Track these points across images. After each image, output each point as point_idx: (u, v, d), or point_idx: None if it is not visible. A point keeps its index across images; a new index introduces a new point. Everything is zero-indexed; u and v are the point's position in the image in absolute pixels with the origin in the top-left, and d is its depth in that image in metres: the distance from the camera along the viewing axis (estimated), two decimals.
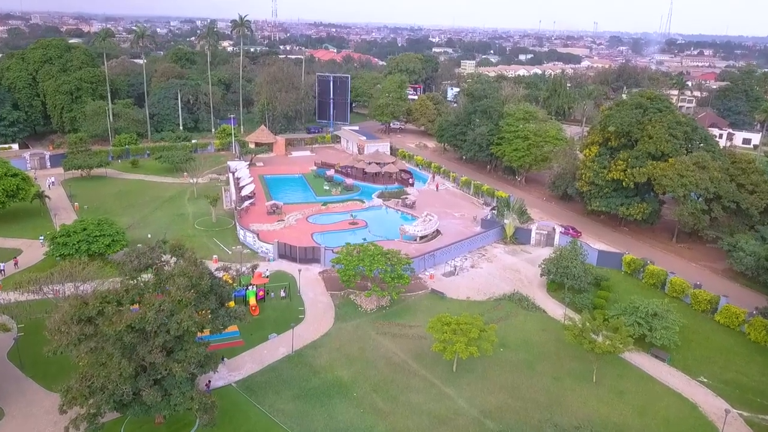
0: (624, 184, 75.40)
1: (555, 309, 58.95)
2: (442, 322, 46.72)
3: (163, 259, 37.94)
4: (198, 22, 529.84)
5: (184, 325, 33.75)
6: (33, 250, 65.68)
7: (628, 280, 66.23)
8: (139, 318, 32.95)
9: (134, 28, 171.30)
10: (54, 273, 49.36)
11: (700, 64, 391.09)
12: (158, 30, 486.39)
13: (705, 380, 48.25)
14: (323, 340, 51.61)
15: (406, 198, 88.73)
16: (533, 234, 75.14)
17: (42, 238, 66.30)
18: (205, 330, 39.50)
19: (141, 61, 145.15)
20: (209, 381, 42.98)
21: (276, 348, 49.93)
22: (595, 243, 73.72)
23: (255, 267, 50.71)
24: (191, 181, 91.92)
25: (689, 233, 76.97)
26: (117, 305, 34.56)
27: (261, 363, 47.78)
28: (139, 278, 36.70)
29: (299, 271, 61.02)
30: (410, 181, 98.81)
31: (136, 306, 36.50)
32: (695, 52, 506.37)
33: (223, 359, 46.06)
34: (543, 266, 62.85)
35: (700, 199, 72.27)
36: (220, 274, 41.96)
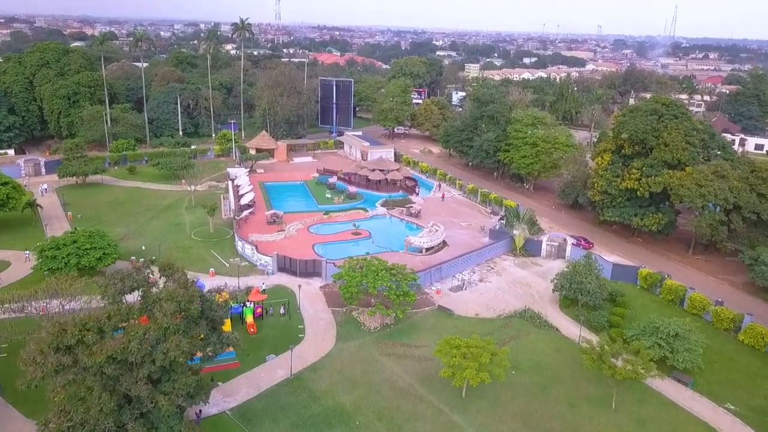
0: (638, 193, 72.35)
1: (568, 327, 55.87)
2: (450, 345, 43.68)
3: (150, 281, 34.99)
4: (202, 26, 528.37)
5: (171, 355, 30.87)
6: (22, 263, 62.79)
7: (645, 296, 63.09)
8: (121, 348, 30.06)
9: (134, 31, 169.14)
10: (38, 290, 46.45)
11: (705, 67, 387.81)
12: (162, 33, 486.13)
13: (732, 407, 45.13)
14: (324, 362, 48.61)
15: (411, 207, 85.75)
16: (544, 246, 72.05)
17: (28, 253, 63.43)
18: (198, 351, 36.64)
19: (142, 65, 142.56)
20: (200, 410, 39.98)
21: (274, 370, 46.95)
22: (609, 255, 70.67)
23: (249, 290, 47.80)
24: (189, 188, 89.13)
25: (706, 245, 73.84)
26: (98, 333, 31.63)
27: (258, 387, 44.82)
28: (123, 302, 33.73)
29: (299, 286, 58.06)
30: (416, 189, 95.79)
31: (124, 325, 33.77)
32: (700, 56, 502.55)
33: (213, 380, 43.05)
34: (555, 281, 59.81)
35: (718, 209, 69.13)
36: (214, 293, 38.77)
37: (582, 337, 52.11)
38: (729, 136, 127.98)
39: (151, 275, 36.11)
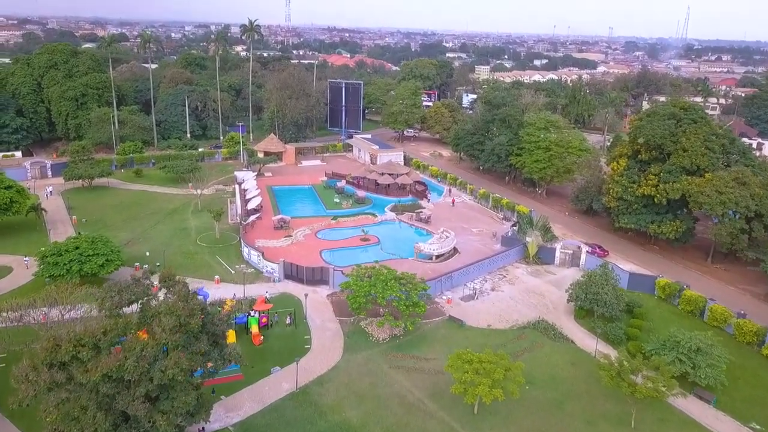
0: (655, 200, 70.18)
1: (584, 339, 53.92)
2: (462, 360, 41.89)
3: (149, 293, 33.52)
4: (212, 27, 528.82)
5: (169, 373, 29.34)
6: (23, 269, 61.64)
7: (663, 306, 60.97)
8: (116, 366, 28.57)
9: (141, 32, 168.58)
10: (36, 299, 45.15)
11: (718, 69, 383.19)
12: (173, 35, 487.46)
13: (758, 427, 43.09)
14: (331, 375, 46.98)
15: (421, 212, 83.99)
16: (557, 253, 70.08)
17: (26, 260, 62.27)
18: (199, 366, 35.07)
19: (150, 66, 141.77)
20: (203, 427, 38.42)
21: (279, 384, 45.35)
22: (624, 263, 68.66)
23: (252, 303, 46.44)
24: (196, 192, 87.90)
25: (726, 253, 71.54)
26: (94, 348, 30.15)
27: (262, 402, 43.23)
28: (120, 316, 32.24)
29: (306, 295, 56.38)
30: (426, 193, 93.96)
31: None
32: (713, 58, 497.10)
33: (214, 392, 41.62)
34: (570, 291, 57.85)
35: (738, 216, 66.86)
36: (216, 306, 37.32)
37: (598, 351, 50.14)
38: (746, 140, 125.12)
39: (154, 284, 34.70)
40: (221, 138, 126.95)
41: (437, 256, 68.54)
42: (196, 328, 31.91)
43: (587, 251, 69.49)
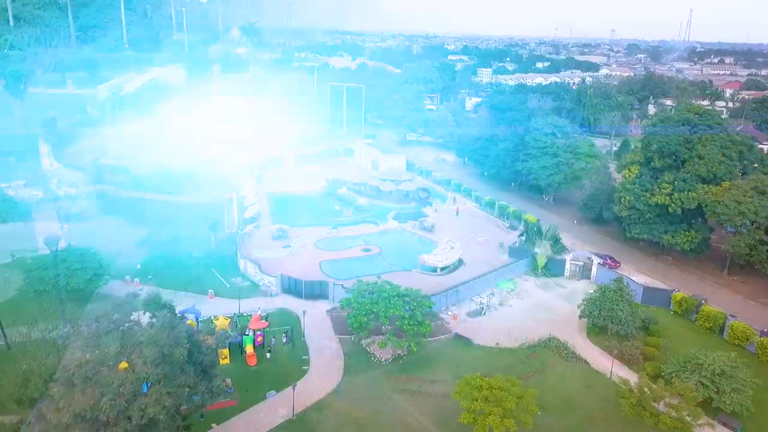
0: (670, 209, 67.27)
1: (598, 358, 50.99)
2: (471, 386, 38.92)
3: (131, 319, 30.68)
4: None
5: (150, 412, 26.46)
6: (6, 284, 58.64)
7: (679, 322, 58.06)
8: (90, 405, 25.69)
9: None
10: (16, 321, 42.30)
11: (721, 72, 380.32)
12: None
13: None
14: (330, 399, 44.10)
15: (424, 220, 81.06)
16: (567, 265, 67.15)
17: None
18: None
19: None
20: None
21: (274, 409, 42.47)
22: (636, 275, 65.81)
23: (244, 330, 43.81)
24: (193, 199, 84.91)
25: (743, 265, 68.49)
26: (66, 384, 27.27)
27: (256, 430, 40.34)
28: (98, 346, 29.35)
29: (304, 312, 53.40)
30: (429, 200, 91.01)
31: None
32: (716, 60, 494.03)
33: (202, 417, 38.66)
34: (582, 307, 54.90)
35: (754, 225, 63.88)
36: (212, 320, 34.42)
37: (614, 374, 47.24)
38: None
39: (132, 313, 31.85)
40: None
41: (442, 268, 65.61)
42: (181, 359, 29.03)
43: (599, 263, 66.54)
